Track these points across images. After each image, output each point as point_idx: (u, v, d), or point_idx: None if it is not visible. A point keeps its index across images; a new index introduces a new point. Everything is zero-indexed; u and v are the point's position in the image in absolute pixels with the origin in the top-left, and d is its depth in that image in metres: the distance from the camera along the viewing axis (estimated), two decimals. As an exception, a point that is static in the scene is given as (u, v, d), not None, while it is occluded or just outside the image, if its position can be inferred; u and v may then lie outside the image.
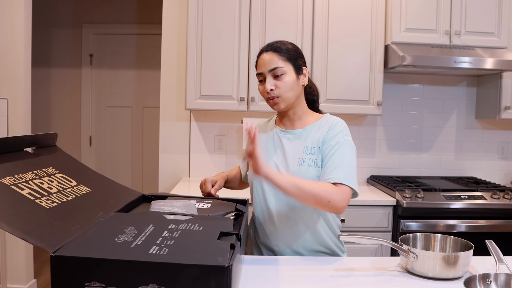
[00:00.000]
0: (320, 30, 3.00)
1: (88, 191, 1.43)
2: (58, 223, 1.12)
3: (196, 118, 3.37)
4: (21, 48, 3.21)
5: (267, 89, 1.58)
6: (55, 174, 1.42)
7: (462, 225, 2.76)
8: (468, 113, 3.51)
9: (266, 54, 1.61)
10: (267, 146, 1.71)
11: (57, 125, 4.69)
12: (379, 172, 3.46)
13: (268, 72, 1.59)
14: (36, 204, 1.17)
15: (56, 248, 1.00)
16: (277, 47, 1.61)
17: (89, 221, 1.21)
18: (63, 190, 1.34)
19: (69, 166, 1.55)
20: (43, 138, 1.57)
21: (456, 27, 3.00)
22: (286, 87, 1.59)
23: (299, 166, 1.58)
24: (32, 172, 1.33)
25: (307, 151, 1.60)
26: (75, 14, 4.62)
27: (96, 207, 1.33)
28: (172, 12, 3.33)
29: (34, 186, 1.26)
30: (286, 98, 1.60)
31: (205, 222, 1.21)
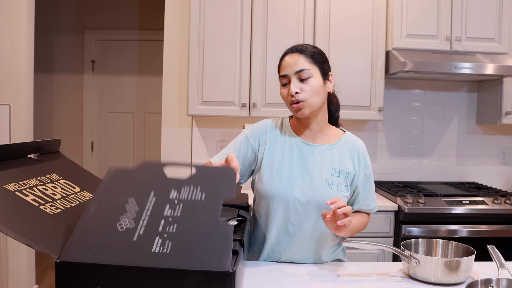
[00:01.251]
0: (322, 36, 3.01)
1: (91, 197, 1.43)
2: (63, 229, 1.13)
3: (198, 124, 3.38)
4: (24, 54, 3.22)
5: (292, 91, 1.48)
6: (59, 180, 1.43)
7: (463, 231, 2.76)
8: (469, 118, 3.51)
9: (292, 56, 1.53)
10: (284, 156, 1.58)
11: (59, 130, 4.70)
12: (380, 177, 3.47)
13: (294, 74, 1.50)
14: (40, 210, 1.17)
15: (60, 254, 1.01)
16: (303, 49, 1.53)
17: (92, 227, 1.22)
18: (67, 196, 1.34)
19: (72, 173, 1.56)
20: (47, 145, 1.58)
21: (456, 33, 3.01)
22: (312, 91, 1.49)
23: (328, 188, 1.52)
24: (36, 179, 1.34)
25: (335, 173, 1.54)
26: (77, 20, 4.64)
27: (100, 213, 1.34)
28: (174, 18, 3.35)
29: (38, 192, 1.26)
30: (311, 104, 1.50)
31: (207, 186, 1.14)
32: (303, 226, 1.54)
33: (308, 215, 1.53)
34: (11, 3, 3.19)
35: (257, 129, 1.65)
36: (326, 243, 1.59)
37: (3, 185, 1.19)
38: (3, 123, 3.26)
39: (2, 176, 1.23)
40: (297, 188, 1.53)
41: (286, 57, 1.55)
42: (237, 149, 1.63)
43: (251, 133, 1.64)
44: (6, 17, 3.19)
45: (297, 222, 1.54)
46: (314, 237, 1.55)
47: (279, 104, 2.93)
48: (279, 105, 2.93)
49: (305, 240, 1.55)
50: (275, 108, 2.98)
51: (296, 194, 1.52)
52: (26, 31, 3.22)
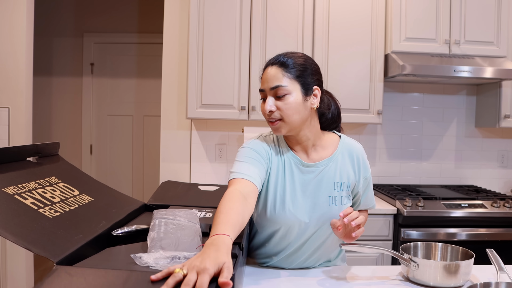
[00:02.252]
0: (321, 39, 3.02)
1: (91, 200, 1.44)
2: (62, 232, 1.13)
3: (197, 127, 3.38)
4: (23, 57, 3.22)
5: (266, 110, 1.39)
6: (58, 183, 1.43)
7: (462, 234, 2.76)
8: (468, 121, 3.52)
9: (271, 68, 1.41)
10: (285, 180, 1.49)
11: (58, 133, 4.70)
12: (379, 180, 3.47)
13: (270, 90, 1.40)
14: (39, 213, 1.17)
15: (59, 257, 1.01)
16: (284, 61, 1.40)
17: (91, 230, 1.22)
18: (66, 199, 1.34)
19: (71, 176, 1.56)
20: (46, 148, 1.58)
21: (455, 36, 3.02)
22: (288, 110, 1.38)
23: (332, 206, 1.48)
24: (35, 182, 1.34)
25: (337, 188, 1.49)
26: (76, 23, 4.65)
27: (99, 216, 1.34)
28: (173, 21, 3.35)
29: (37, 195, 1.26)
30: (289, 122, 1.39)
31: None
32: (313, 243, 1.53)
33: (315, 233, 1.52)
34: (10, 6, 3.19)
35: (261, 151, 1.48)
36: (330, 254, 1.61)
37: (2, 188, 1.19)
38: (2, 126, 3.25)
39: (1, 179, 1.23)
40: (301, 212, 1.47)
41: (267, 70, 1.43)
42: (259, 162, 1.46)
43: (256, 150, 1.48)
44: (6, 20, 3.20)
45: (305, 239, 1.52)
46: (319, 250, 1.56)
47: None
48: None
49: (310, 253, 1.55)
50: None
51: (300, 217, 1.47)
52: (25, 34, 3.22)
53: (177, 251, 1.08)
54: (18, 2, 3.19)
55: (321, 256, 1.58)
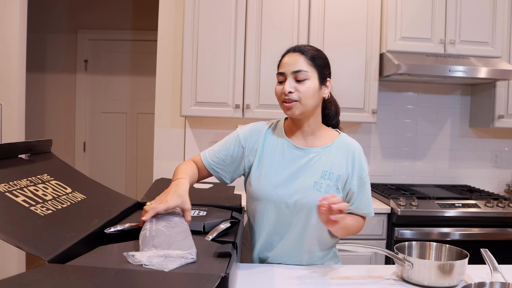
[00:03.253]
0: (316, 38, 3.01)
1: (83, 198, 1.42)
2: (53, 230, 1.11)
3: (191, 124, 3.36)
4: (16, 53, 3.20)
5: (286, 90, 1.47)
6: (50, 181, 1.42)
7: (456, 233, 2.77)
8: (462, 121, 3.52)
9: (293, 55, 1.52)
10: (274, 160, 1.58)
11: (51, 130, 4.66)
12: (373, 180, 3.47)
13: (291, 74, 1.49)
14: (31, 211, 1.16)
15: (51, 256, 0.99)
16: (306, 50, 1.52)
17: (84, 228, 1.21)
18: (58, 197, 1.33)
19: (64, 173, 1.54)
20: (38, 145, 1.56)
21: (450, 36, 3.02)
22: (306, 93, 1.48)
23: (316, 191, 1.51)
24: (26, 179, 1.33)
25: (324, 176, 1.52)
26: (70, 20, 4.61)
27: (91, 214, 1.33)
28: (168, 19, 3.33)
29: (29, 193, 1.25)
30: (303, 105, 1.49)
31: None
32: (292, 228, 1.54)
33: (296, 217, 1.53)
34: (3, 2, 3.16)
35: (250, 131, 1.64)
36: (316, 247, 1.59)
37: (-7, 186, 1.17)
38: (-6, 123, 3.23)
39: (-8, 177, 1.22)
40: (285, 190, 1.53)
41: (287, 56, 1.54)
42: (227, 147, 1.63)
43: (243, 134, 1.63)
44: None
45: (285, 224, 1.55)
46: (304, 239, 1.56)
47: (272, 105, 2.93)
48: (273, 106, 2.92)
49: (294, 242, 1.56)
50: (269, 110, 2.97)
51: (283, 196, 1.52)
52: (18, 30, 3.19)
53: (170, 249, 1.07)
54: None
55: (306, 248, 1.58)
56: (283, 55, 1.56)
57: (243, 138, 1.62)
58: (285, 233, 1.56)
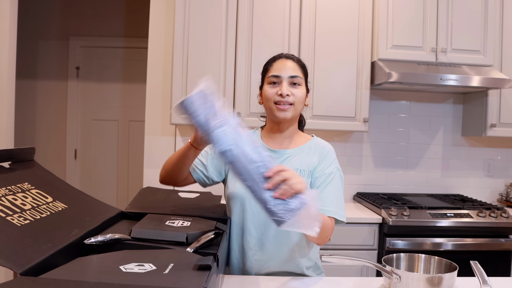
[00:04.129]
0: (307, 47, 3.00)
1: (64, 207, 1.39)
2: (29, 241, 1.08)
3: (182, 133, 3.33)
4: (5, 59, 3.16)
5: (284, 92, 1.52)
6: (31, 190, 1.38)
7: (448, 244, 2.74)
8: (455, 130, 3.51)
9: (288, 60, 1.59)
10: None
11: (42, 137, 4.62)
12: (365, 189, 3.45)
13: (288, 78, 1.55)
14: (7, 221, 1.12)
15: (24, 268, 0.96)
16: (296, 58, 1.62)
17: (62, 239, 1.17)
18: (38, 206, 1.29)
19: (46, 182, 1.51)
20: (20, 153, 1.53)
21: (442, 44, 3.01)
22: (300, 98, 1.57)
23: None
24: (5, 188, 1.29)
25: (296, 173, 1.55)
26: (62, 27, 4.59)
27: (71, 224, 1.29)
28: (158, 26, 3.31)
29: (7, 202, 1.21)
30: (296, 109, 1.57)
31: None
32: (267, 228, 1.56)
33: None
34: (-8, 8, 3.13)
35: None
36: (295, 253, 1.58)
37: (-33, 195, 1.14)
38: (-18, 130, 3.19)
39: (-33, 186, 1.19)
40: None
41: (279, 61, 1.60)
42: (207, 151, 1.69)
43: None
44: (-13, 22, 3.14)
45: (260, 224, 1.56)
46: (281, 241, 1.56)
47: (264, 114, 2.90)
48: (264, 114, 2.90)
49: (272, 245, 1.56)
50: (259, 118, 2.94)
51: None
52: (8, 37, 3.16)
53: None
54: (1, 4, 3.14)
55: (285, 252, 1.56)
56: (273, 60, 1.62)
57: None
58: (261, 235, 1.56)
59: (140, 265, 1.07)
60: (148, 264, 1.08)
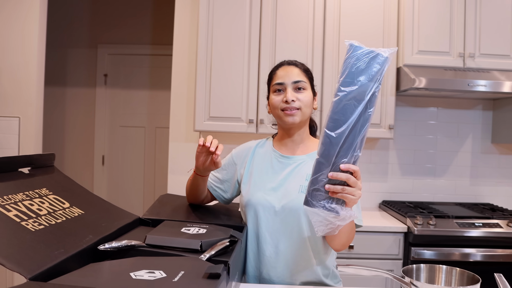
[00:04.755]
0: (331, 51, 2.97)
1: (81, 213, 1.39)
2: (41, 246, 1.09)
3: (206, 139, 3.34)
4: (34, 67, 3.24)
5: (289, 98, 1.54)
6: (48, 195, 1.40)
7: (477, 254, 2.65)
8: (484, 137, 3.41)
9: (288, 67, 1.61)
10: (262, 170, 1.65)
11: (70, 143, 4.71)
12: (391, 197, 3.38)
13: (292, 84, 1.57)
14: (21, 226, 1.13)
15: (34, 273, 0.96)
16: (298, 64, 1.63)
17: (75, 245, 1.17)
18: (54, 212, 1.31)
19: (64, 188, 1.52)
20: (40, 159, 1.55)
21: (470, 49, 2.94)
22: (306, 102, 1.57)
23: (300, 193, 1.52)
24: (23, 193, 1.31)
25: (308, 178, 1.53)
26: (91, 35, 4.68)
27: (86, 230, 1.30)
28: (183, 33, 3.34)
29: (23, 207, 1.23)
30: (303, 113, 1.57)
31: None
32: (282, 235, 1.54)
33: (285, 223, 1.54)
34: (23, 17, 3.22)
35: (241, 148, 1.77)
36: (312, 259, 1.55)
37: (-16, 200, 1.16)
38: (12, 135, 3.26)
39: (-15, 191, 1.20)
40: (273, 197, 1.57)
41: (282, 68, 1.62)
42: (223, 166, 1.75)
43: (236, 152, 1.76)
44: (18, 31, 3.22)
45: (275, 231, 1.55)
46: (297, 249, 1.54)
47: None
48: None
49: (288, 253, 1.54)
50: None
51: (271, 201, 1.56)
52: (37, 45, 3.24)
53: None
54: (30, 12, 3.22)
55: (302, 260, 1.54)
56: (276, 68, 1.65)
57: (235, 156, 1.75)
58: (277, 242, 1.54)
59: (151, 272, 1.06)
60: (159, 271, 1.07)
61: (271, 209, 1.55)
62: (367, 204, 3.37)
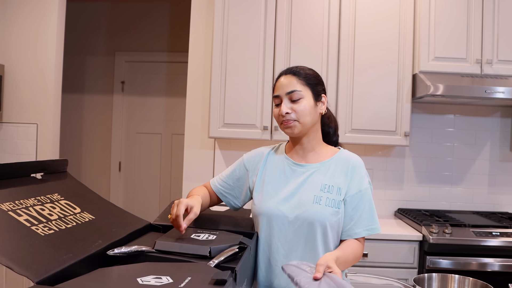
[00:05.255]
0: (346, 59, 2.95)
1: (92, 218, 1.40)
2: (50, 251, 1.10)
3: (221, 146, 3.35)
4: (52, 74, 3.29)
5: (282, 112, 1.52)
6: (60, 200, 1.41)
7: (495, 264, 2.60)
8: (503, 145, 3.35)
9: (285, 77, 1.57)
10: (275, 178, 1.62)
11: (87, 150, 4.76)
12: (407, 205, 3.34)
13: (286, 95, 1.54)
14: (31, 231, 1.15)
15: (41, 277, 0.97)
16: (297, 71, 1.58)
17: (84, 250, 1.18)
18: (64, 217, 1.32)
19: (76, 193, 1.54)
20: (52, 164, 1.57)
21: (487, 55, 2.90)
22: (302, 112, 1.52)
23: (315, 204, 1.50)
24: (34, 198, 1.32)
25: (324, 189, 1.52)
26: (108, 42, 4.74)
27: (96, 235, 1.31)
28: (198, 40, 3.36)
29: (34, 212, 1.24)
30: (302, 123, 1.53)
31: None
32: (294, 246, 1.53)
33: (298, 234, 1.52)
34: (39, 24, 3.27)
35: (253, 154, 1.73)
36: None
37: (-4, 204, 1.17)
38: (30, 142, 3.31)
39: (-2, 195, 1.22)
40: (286, 206, 1.54)
41: (281, 79, 1.59)
42: (233, 172, 1.72)
43: (248, 158, 1.72)
44: (36, 38, 3.28)
45: (288, 241, 1.53)
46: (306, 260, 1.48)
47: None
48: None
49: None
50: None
51: (284, 211, 1.53)
52: (55, 52, 3.29)
53: None
54: (47, 19, 3.27)
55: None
56: (277, 78, 1.62)
57: (247, 162, 1.71)
58: (289, 252, 1.53)
59: (158, 278, 1.06)
60: (166, 277, 1.07)
61: (284, 219, 1.53)
62: (382, 211, 3.34)
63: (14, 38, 3.29)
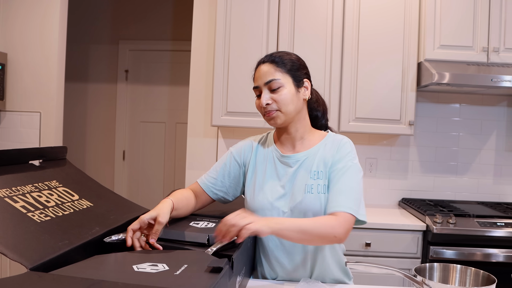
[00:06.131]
0: (350, 47, 2.92)
1: (89, 205, 1.39)
2: (45, 237, 1.09)
3: (224, 134, 3.33)
4: (55, 62, 3.27)
5: (263, 103, 1.45)
6: (58, 187, 1.40)
7: (500, 255, 2.57)
8: (509, 134, 3.31)
9: (263, 66, 1.49)
10: (265, 171, 1.56)
11: (91, 138, 4.76)
12: (411, 194, 3.31)
13: (264, 85, 1.46)
14: (27, 217, 1.14)
15: (35, 264, 0.96)
16: (275, 57, 1.49)
17: (81, 237, 1.17)
18: (62, 204, 1.31)
19: (75, 180, 1.53)
20: (51, 151, 1.56)
21: (494, 43, 2.85)
22: (283, 101, 1.44)
23: (307, 194, 1.46)
24: (32, 185, 1.31)
25: (314, 176, 1.47)
26: (112, 31, 4.71)
27: (93, 222, 1.30)
28: (201, 29, 3.33)
29: (30, 199, 1.23)
30: (285, 112, 1.45)
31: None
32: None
33: None
34: (42, 12, 3.25)
35: (242, 147, 1.65)
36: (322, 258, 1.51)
37: (-10, 191, 1.16)
38: (33, 130, 3.31)
39: (-7, 182, 1.21)
40: (279, 200, 1.50)
41: (257, 69, 1.52)
42: (223, 167, 1.63)
43: (237, 152, 1.64)
44: (39, 26, 3.26)
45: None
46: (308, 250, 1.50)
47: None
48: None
49: (299, 254, 1.50)
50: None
51: (278, 206, 1.49)
52: (58, 40, 3.27)
53: None
54: (50, 8, 3.25)
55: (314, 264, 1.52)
56: (255, 68, 1.54)
57: (237, 155, 1.63)
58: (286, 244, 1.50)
59: (154, 265, 1.05)
60: (162, 264, 1.06)
61: (280, 213, 1.49)
62: (386, 201, 3.31)
63: (18, 26, 3.28)
